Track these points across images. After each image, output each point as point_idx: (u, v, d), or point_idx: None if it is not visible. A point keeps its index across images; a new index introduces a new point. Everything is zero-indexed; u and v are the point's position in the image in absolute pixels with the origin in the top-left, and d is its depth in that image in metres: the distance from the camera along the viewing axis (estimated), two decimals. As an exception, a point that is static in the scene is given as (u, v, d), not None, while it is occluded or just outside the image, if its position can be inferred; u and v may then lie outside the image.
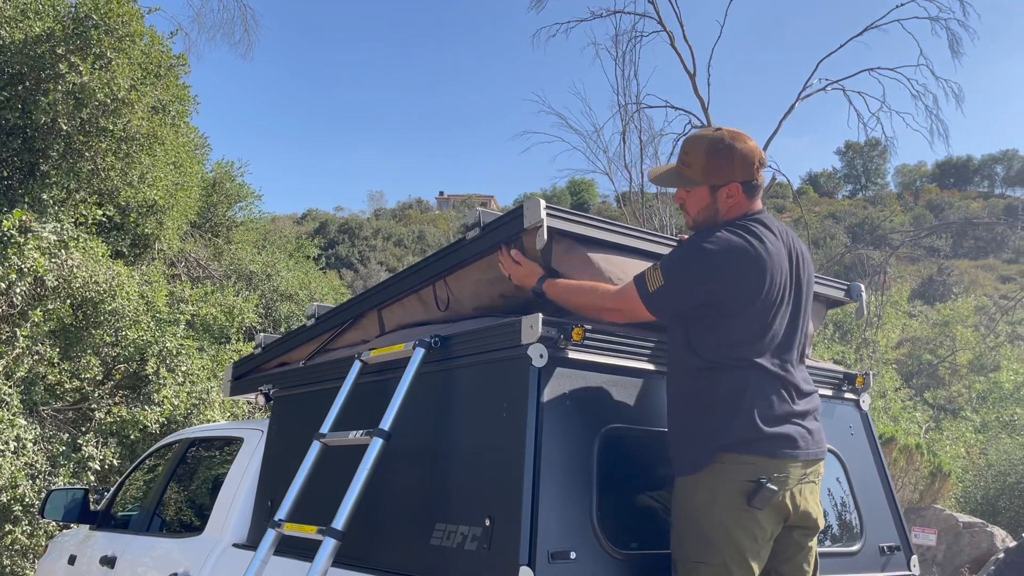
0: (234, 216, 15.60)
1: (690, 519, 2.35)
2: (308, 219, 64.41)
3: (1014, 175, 72.31)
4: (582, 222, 2.56)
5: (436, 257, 2.93)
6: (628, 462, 2.59)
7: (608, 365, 2.55)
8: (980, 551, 9.96)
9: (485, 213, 2.68)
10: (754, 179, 2.49)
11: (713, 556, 2.29)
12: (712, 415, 2.36)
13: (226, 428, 4.37)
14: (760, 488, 2.28)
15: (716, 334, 2.39)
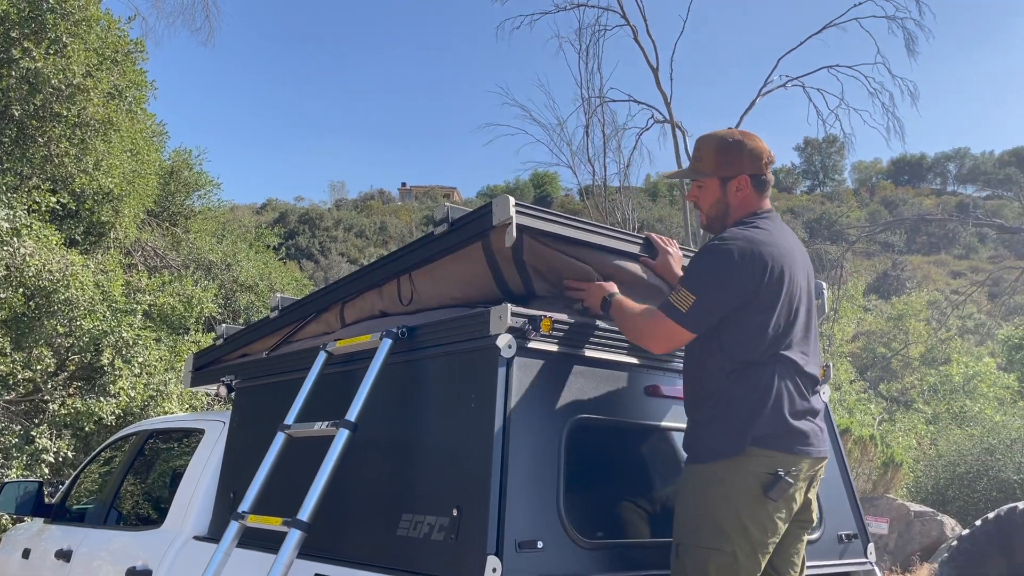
0: (192, 205, 15.33)
1: (703, 506, 2.35)
2: (268, 209, 63.60)
3: (965, 173, 74.03)
4: (551, 219, 2.55)
5: (402, 252, 2.91)
6: (596, 452, 2.60)
7: (577, 356, 2.56)
8: (930, 539, 10.22)
9: (453, 208, 2.66)
10: (763, 174, 2.56)
11: (725, 544, 2.30)
12: (742, 408, 2.37)
13: (186, 419, 4.31)
14: (778, 481, 2.31)
15: (747, 333, 2.41)
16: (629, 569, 2.48)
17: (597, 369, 2.61)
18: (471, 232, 2.58)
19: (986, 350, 21.68)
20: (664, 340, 2.46)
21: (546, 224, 2.53)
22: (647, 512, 2.71)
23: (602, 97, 19.49)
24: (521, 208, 2.45)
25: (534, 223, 2.50)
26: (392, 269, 2.94)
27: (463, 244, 2.64)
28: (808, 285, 2.59)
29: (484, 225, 2.49)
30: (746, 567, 2.32)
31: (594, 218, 25.12)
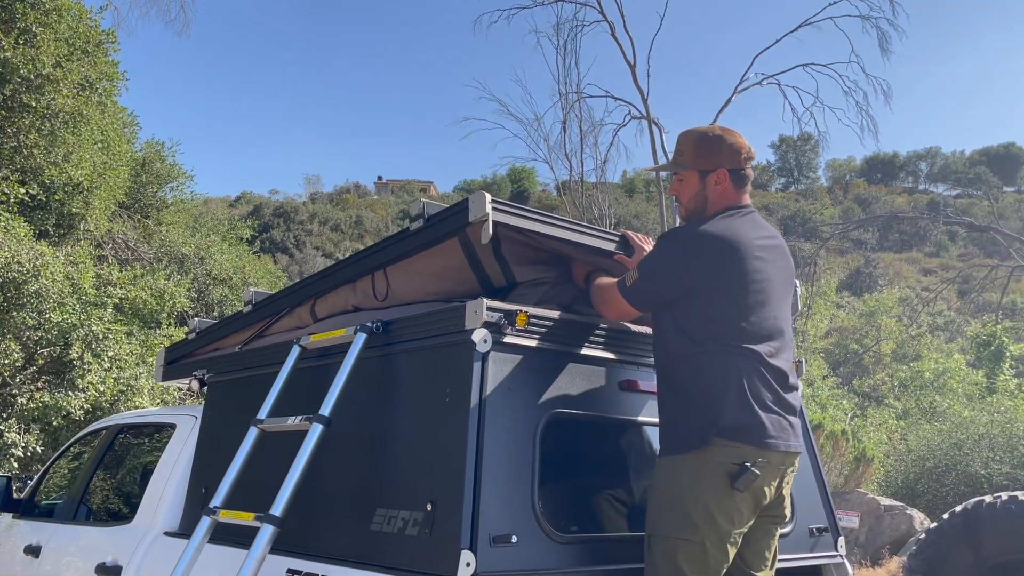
0: (164, 197, 15.16)
1: (673, 497, 2.38)
2: (242, 202, 63.01)
3: (937, 172, 74.98)
4: (528, 216, 2.55)
5: (377, 248, 2.89)
6: (570, 447, 2.61)
7: (552, 351, 2.56)
8: (900, 533, 10.36)
9: (429, 204, 2.65)
10: (742, 169, 2.60)
11: (693, 534, 2.34)
12: (706, 399, 2.39)
13: (157, 414, 4.26)
14: (744, 472, 2.33)
15: (706, 318, 2.44)
16: (603, 563, 2.49)
17: (572, 364, 2.61)
18: (447, 228, 2.57)
19: (956, 347, 22.02)
20: (611, 308, 2.60)
21: (522, 220, 2.53)
22: (622, 507, 2.72)
23: (579, 93, 19.52)
24: (497, 204, 2.45)
25: (510, 219, 2.49)
26: (367, 265, 2.92)
27: (439, 240, 2.63)
28: (785, 281, 2.60)
29: (460, 221, 2.48)
30: (715, 557, 2.35)
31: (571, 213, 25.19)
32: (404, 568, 2.29)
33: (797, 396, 2.57)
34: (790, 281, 2.66)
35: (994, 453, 11.31)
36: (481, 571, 2.18)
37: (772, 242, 2.61)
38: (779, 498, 2.52)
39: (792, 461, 2.52)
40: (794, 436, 2.49)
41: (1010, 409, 13.10)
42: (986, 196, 49.65)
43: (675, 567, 2.34)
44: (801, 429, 2.58)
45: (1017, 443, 11.43)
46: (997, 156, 71.12)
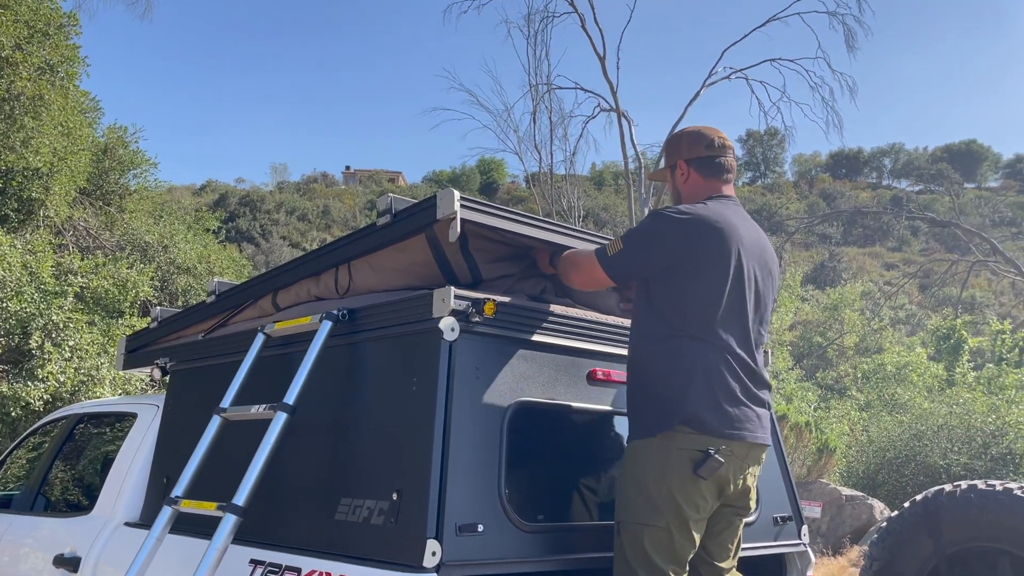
0: (127, 184, 14.89)
1: (638, 483, 2.41)
2: (207, 190, 62.16)
3: (900, 168, 76.14)
4: (496, 214, 2.52)
5: (343, 242, 2.85)
6: (538, 436, 2.60)
7: (520, 340, 2.55)
8: (860, 522, 10.53)
9: (397, 199, 2.62)
10: (703, 156, 2.64)
11: (657, 519, 2.36)
12: (672, 385, 2.41)
13: (118, 403, 4.18)
14: (707, 458, 2.36)
15: (682, 301, 2.45)
16: (570, 552, 2.49)
17: (541, 353, 2.60)
18: (414, 224, 2.54)
19: (918, 340, 22.42)
20: (584, 275, 2.58)
21: (490, 218, 2.50)
22: (588, 496, 2.72)
23: (549, 84, 19.53)
24: (466, 202, 2.42)
25: (478, 217, 2.47)
26: (332, 259, 2.88)
27: (406, 236, 2.60)
28: (763, 273, 2.60)
29: (428, 218, 2.46)
30: (679, 542, 2.38)
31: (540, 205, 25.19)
32: (369, 557, 2.27)
33: (767, 391, 2.57)
34: (770, 275, 2.66)
35: (952, 444, 11.54)
36: (447, 560, 2.17)
37: (754, 234, 2.62)
38: (744, 489, 2.53)
39: (758, 454, 2.54)
40: (761, 428, 2.50)
41: (968, 401, 13.37)
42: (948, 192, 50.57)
43: (642, 552, 2.37)
44: (769, 421, 2.58)
45: (975, 434, 11.67)
46: (959, 153, 72.42)
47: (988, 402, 13.52)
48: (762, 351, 2.63)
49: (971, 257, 22.73)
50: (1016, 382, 15.88)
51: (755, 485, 2.60)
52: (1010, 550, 2.82)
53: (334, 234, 52.64)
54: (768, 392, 2.58)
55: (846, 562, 9.42)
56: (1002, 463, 11.33)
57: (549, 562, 2.44)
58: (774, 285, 2.67)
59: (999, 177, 74.06)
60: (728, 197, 2.65)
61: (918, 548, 2.98)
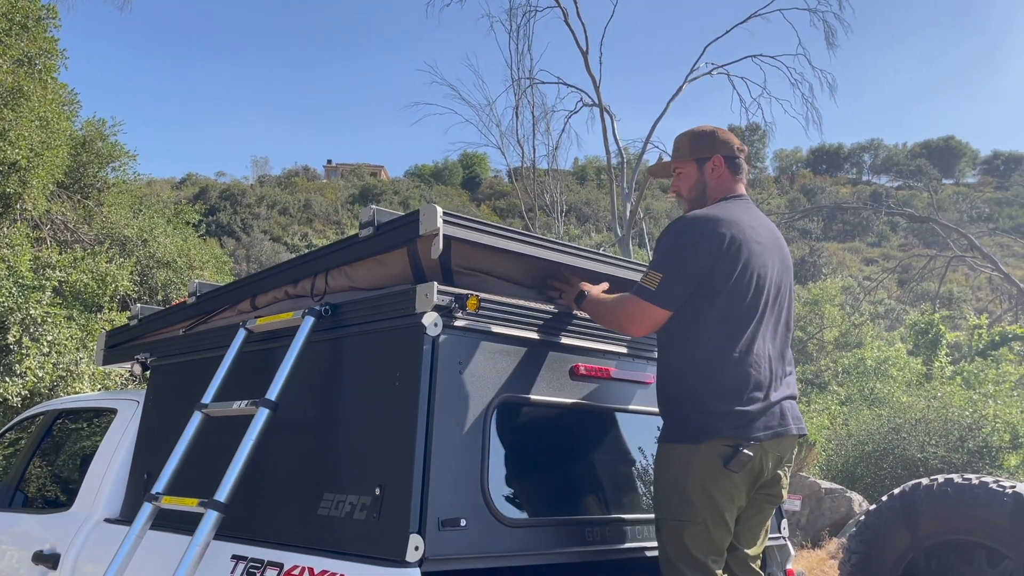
0: (106, 177, 14.73)
1: (674, 482, 2.49)
2: (187, 184, 61.62)
3: (879, 163, 76.77)
4: (480, 229, 2.51)
5: (324, 252, 2.82)
6: (521, 431, 2.61)
7: (503, 335, 2.55)
8: (839, 515, 10.63)
9: (380, 212, 2.61)
10: (736, 156, 2.73)
11: (695, 515, 2.44)
12: (703, 394, 2.48)
13: (98, 399, 4.15)
14: (737, 453, 2.42)
15: (708, 303, 2.50)
16: (553, 547, 2.50)
17: (524, 348, 2.61)
18: (397, 239, 2.52)
19: (898, 335, 22.64)
20: (641, 322, 2.55)
21: (474, 234, 2.49)
22: (572, 491, 2.73)
23: (532, 79, 19.52)
24: (449, 218, 2.42)
25: (461, 233, 2.46)
26: (311, 268, 2.86)
27: (387, 249, 2.58)
28: (781, 267, 2.67)
29: (410, 233, 2.44)
30: (717, 534, 2.46)
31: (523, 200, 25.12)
32: (352, 552, 2.27)
33: (792, 378, 2.66)
34: (787, 268, 2.73)
35: (930, 437, 11.66)
36: (430, 555, 2.17)
37: (769, 229, 2.69)
38: (775, 478, 2.60)
39: (790, 444, 2.61)
40: (790, 421, 2.56)
41: (946, 395, 13.51)
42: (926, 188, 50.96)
43: (682, 547, 2.45)
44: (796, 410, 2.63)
45: (952, 428, 11.80)
46: (937, 149, 73.10)
47: (965, 396, 13.68)
48: (789, 341, 2.70)
49: (949, 252, 22.96)
50: (996, 376, 16.07)
51: (787, 474, 2.65)
52: (985, 542, 2.86)
53: (316, 228, 52.38)
54: (793, 379, 2.66)
55: (825, 554, 9.51)
56: (979, 456, 11.47)
57: (533, 556, 2.45)
58: (791, 276, 2.75)
59: (977, 173, 74.87)
60: (742, 196, 2.74)
61: (896, 541, 3.02)
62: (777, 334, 2.62)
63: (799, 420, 2.62)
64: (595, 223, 49.05)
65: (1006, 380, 15.88)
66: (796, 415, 2.61)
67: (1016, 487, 2.81)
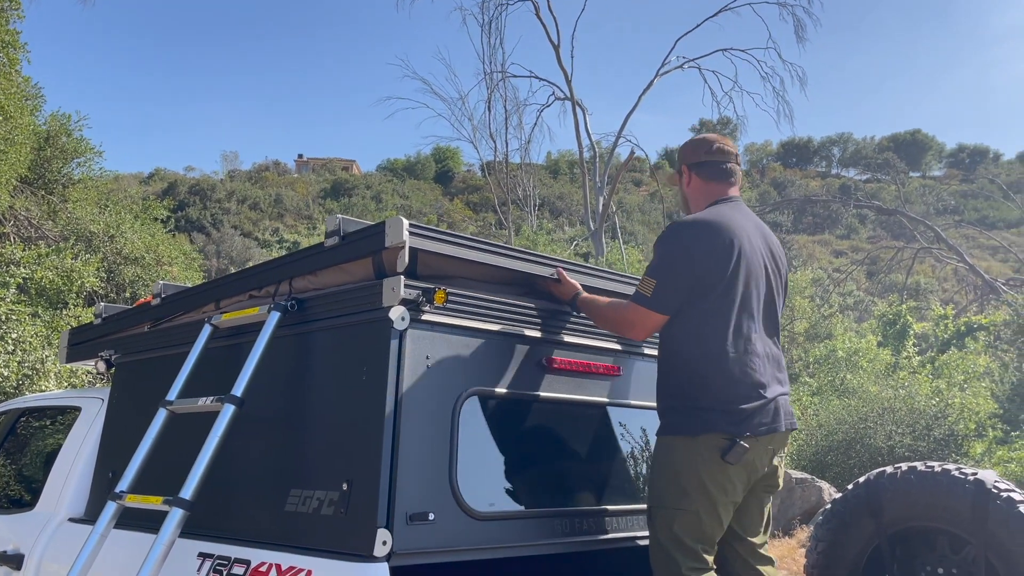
0: (71, 173, 14.49)
1: (670, 472, 2.57)
2: (155, 179, 60.75)
3: (848, 156, 77.53)
4: (446, 241, 2.50)
5: (288, 259, 2.80)
6: (491, 425, 2.60)
7: (471, 328, 2.54)
8: (810, 504, 10.76)
9: (346, 221, 2.59)
10: (701, 160, 2.82)
11: (688, 504, 2.53)
12: (700, 391, 2.57)
13: (62, 397, 4.09)
14: (734, 446, 2.51)
15: (702, 302, 2.58)
16: (522, 540, 2.51)
17: (493, 341, 2.60)
18: (362, 249, 2.50)
19: (868, 326, 22.90)
20: (639, 327, 2.64)
21: (440, 246, 2.48)
22: (542, 484, 2.74)
23: (504, 72, 19.52)
24: (415, 230, 2.40)
25: (429, 245, 2.45)
26: (275, 275, 2.83)
27: (352, 258, 2.56)
28: (772, 265, 2.76)
29: (376, 245, 2.43)
30: (708, 524, 2.54)
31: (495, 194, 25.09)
32: (320, 548, 2.26)
33: (784, 375, 2.75)
34: (778, 266, 2.80)
35: (897, 426, 11.83)
36: (398, 549, 2.17)
37: (759, 230, 2.77)
38: (772, 470, 2.69)
39: (783, 438, 2.70)
40: (783, 416, 2.65)
41: (912, 384, 13.71)
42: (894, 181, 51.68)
43: (673, 534, 2.53)
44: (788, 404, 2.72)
45: (918, 417, 11.99)
46: (904, 142, 74.00)
47: (932, 385, 13.89)
48: (779, 338, 2.80)
49: (916, 244, 23.30)
50: (965, 367, 16.33)
51: (782, 464, 2.74)
52: (948, 529, 2.90)
53: (287, 223, 51.92)
54: (785, 375, 2.75)
55: (796, 543, 9.62)
56: (944, 444, 11.67)
57: (502, 550, 2.45)
58: (783, 276, 2.84)
59: (943, 166, 75.92)
60: (731, 198, 2.80)
61: (861, 529, 3.05)
62: (769, 332, 2.72)
63: (790, 416, 2.72)
64: (568, 217, 49.13)
65: (974, 370, 16.17)
66: (788, 411, 2.71)
67: (978, 474, 2.86)
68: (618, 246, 22.66)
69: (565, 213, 50.27)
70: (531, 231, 21.94)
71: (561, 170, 59.38)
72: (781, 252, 2.87)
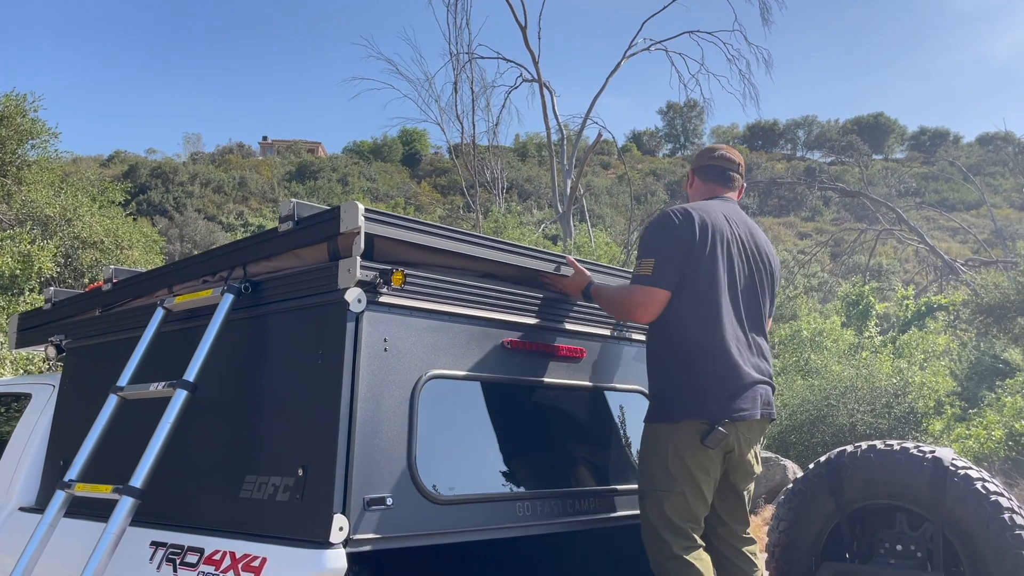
0: (26, 155, 14.12)
1: (657, 457, 2.71)
2: (115, 161, 59.56)
3: (813, 139, 78.25)
4: (404, 226, 2.45)
5: (242, 244, 2.73)
6: (451, 408, 2.57)
7: (432, 311, 2.50)
8: (775, 482, 10.90)
9: (301, 205, 2.53)
10: (704, 164, 3.02)
11: (674, 485, 2.68)
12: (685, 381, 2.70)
13: (11, 383, 3.98)
14: (712, 431, 2.64)
15: (689, 289, 2.69)
16: (482, 524, 2.48)
17: (452, 324, 2.57)
18: (317, 235, 2.44)
19: (832, 308, 23.20)
20: (648, 306, 2.71)
21: (399, 232, 2.43)
22: (502, 467, 2.71)
23: (471, 54, 19.37)
24: (371, 215, 2.35)
25: (385, 231, 2.39)
26: (228, 260, 2.77)
27: (307, 244, 2.50)
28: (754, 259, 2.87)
29: (331, 230, 2.37)
30: (694, 503, 2.69)
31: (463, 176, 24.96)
32: (275, 535, 2.22)
33: (767, 364, 2.85)
34: (765, 259, 2.91)
35: (858, 405, 12.03)
36: (355, 535, 2.13)
37: (746, 225, 2.88)
38: (747, 455, 2.81)
39: (761, 426, 2.84)
40: (762, 405, 2.77)
41: (874, 364, 13.93)
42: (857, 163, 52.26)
43: (663, 515, 2.67)
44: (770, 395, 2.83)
45: (879, 395, 12.20)
46: (868, 125, 74.86)
47: (893, 364, 14.12)
48: (766, 327, 2.93)
49: (878, 226, 23.61)
50: (925, 346, 16.62)
51: (757, 451, 2.86)
52: (906, 506, 2.93)
53: (252, 206, 51.27)
54: (768, 364, 2.86)
55: (761, 521, 9.74)
56: (904, 421, 11.88)
57: (461, 534, 2.43)
58: (771, 269, 2.94)
59: (904, 149, 76.96)
60: (724, 197, 2.95)
61: (821, 507, 3.08)
62: (753, 322, 2.82)
63: (769, 405, 2.82)
64: (536, 200, 49.08)
65: (934, 349, 16.46)
66: (768, 400, 2.81)
67: (935, 452, 2.88)
68: (586, 228, 22.68)
69: (533, 196, 50.23)
70: (500, 214, 21.89)
71: (529, 153, 59.27)
72: (771, 251, 2.97)
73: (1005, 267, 18.30)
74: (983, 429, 11.98)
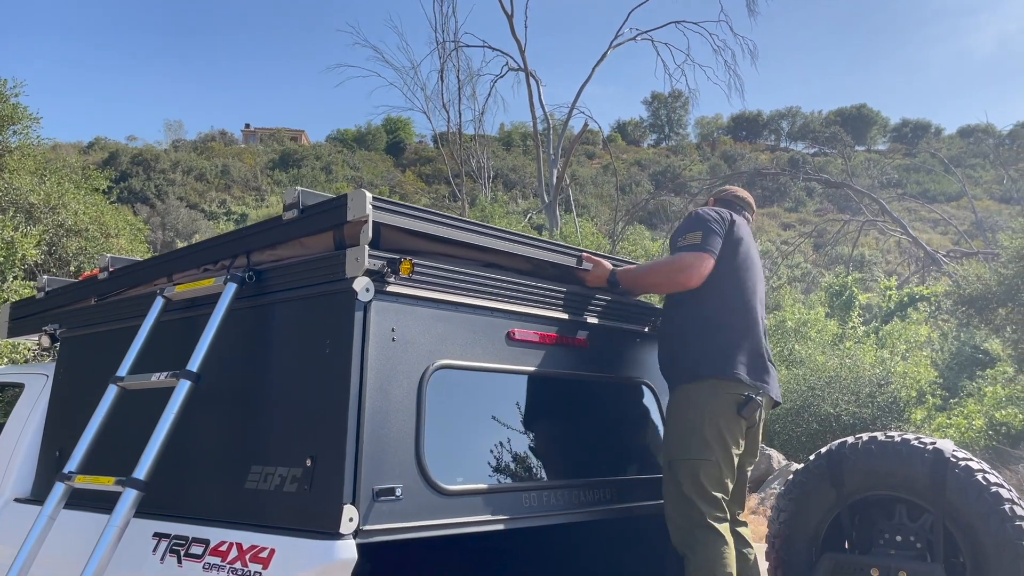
0: (7, 141, 13.91)
1: (691, 423, 2.79)
2: (96, 148, 58.84)
3: (797, 130, 78.58)
4: (412, 215, 2.42)
5: (245, 232, 2.70)
6: (458, 398, 2.55)
7: (439, 301, 2.48)
8: (759, 472, 10.97)
9: (306, 193, 2.49)
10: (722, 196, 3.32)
11: (710, 454, 2.76)
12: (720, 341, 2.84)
13: (3, 373, 3.93)
14: (749, 401, 2.79)
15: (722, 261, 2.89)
16: (490, 514, 2.47)
17: (460, 314, 2.55)
18: (322, 223, 2.41)
19: (816, 298, 23.35)
20: (695, 268, 2.84)
21: (407, 220, 2.40)
22: (510, 458, 2.70)
23: (457, 42, 19.28)
24: (379, 203, 2.32)
25: (393, 219, 2.37)
26: (231, 249, 2.73)
27: (312, 232, 2.46)
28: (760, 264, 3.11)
29: (338, 218, 2.34)
30: (727, 473, 2.79)
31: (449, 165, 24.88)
32: (283, 526, 2.20)
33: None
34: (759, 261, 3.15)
35: (842, 394, 12.13)
36: (365, 526, 2.12)
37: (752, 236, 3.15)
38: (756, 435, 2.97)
39: (770, 407, 3.00)
40: (776, 386, 2.97)
41: (857, 354, 14.04)
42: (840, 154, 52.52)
43: (698, 484, 2.74)
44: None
45: (863, 385, 12.30)
46: (851, 116, 75.26)
47: (876, 354, 14.23)
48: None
49: (861, 217, 23.75)
50: (907, 336, 16.77)
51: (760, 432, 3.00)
52: (906, 497, 2.94)
53: (234, 195, 50.86)
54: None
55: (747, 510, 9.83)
56: (886, 411, 11.99)
57: (470, 525, 2.42)
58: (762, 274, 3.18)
59: (887, 140, 77.48)
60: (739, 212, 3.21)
61: (822, 498, 3.09)
62: (764, 311, 3.01)
63: (778, 389, 3.00)
64: (522, 189, 48.99)
65: (916, 339, 16.60)
66: (777, 384, 3.00)
67: (936, 443, 2.90)
68: (572, 218, 22.67)
69: (519, 185, 50.14)
70: (486, 203, 21.81)
71: (515, 142, 59.12)
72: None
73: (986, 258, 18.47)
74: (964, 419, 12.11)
